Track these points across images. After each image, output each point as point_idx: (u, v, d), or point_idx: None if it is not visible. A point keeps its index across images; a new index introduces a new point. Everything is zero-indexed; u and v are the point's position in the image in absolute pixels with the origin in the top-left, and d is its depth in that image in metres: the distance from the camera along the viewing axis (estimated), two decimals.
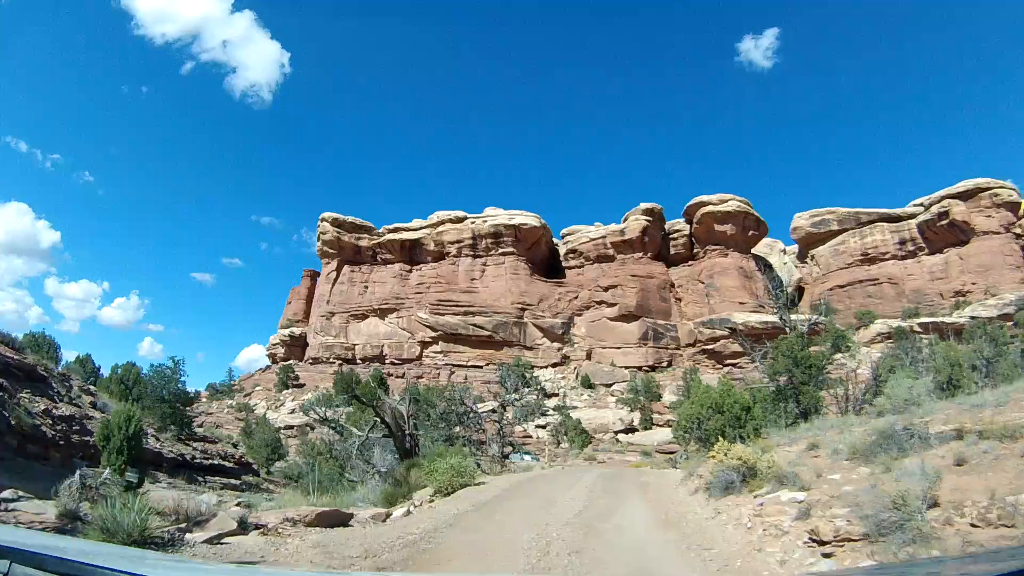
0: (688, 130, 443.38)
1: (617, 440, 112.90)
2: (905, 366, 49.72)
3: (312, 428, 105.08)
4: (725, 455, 23.52)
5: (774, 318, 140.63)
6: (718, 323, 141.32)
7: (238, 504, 36.18)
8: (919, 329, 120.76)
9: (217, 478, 58.47)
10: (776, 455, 23.09)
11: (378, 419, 36.43)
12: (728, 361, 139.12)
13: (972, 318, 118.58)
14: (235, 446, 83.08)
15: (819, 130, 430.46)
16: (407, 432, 37.20)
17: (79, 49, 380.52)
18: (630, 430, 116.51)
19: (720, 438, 30.40)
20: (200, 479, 55.07)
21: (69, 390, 52.86)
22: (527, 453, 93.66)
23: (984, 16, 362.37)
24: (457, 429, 58.66)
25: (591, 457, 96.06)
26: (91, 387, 60.72)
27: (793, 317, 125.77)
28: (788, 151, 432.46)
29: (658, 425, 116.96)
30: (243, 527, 18.38)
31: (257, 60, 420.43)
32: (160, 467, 50.73)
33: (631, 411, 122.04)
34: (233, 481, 60.83)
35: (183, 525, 17.14)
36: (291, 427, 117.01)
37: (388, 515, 24.53)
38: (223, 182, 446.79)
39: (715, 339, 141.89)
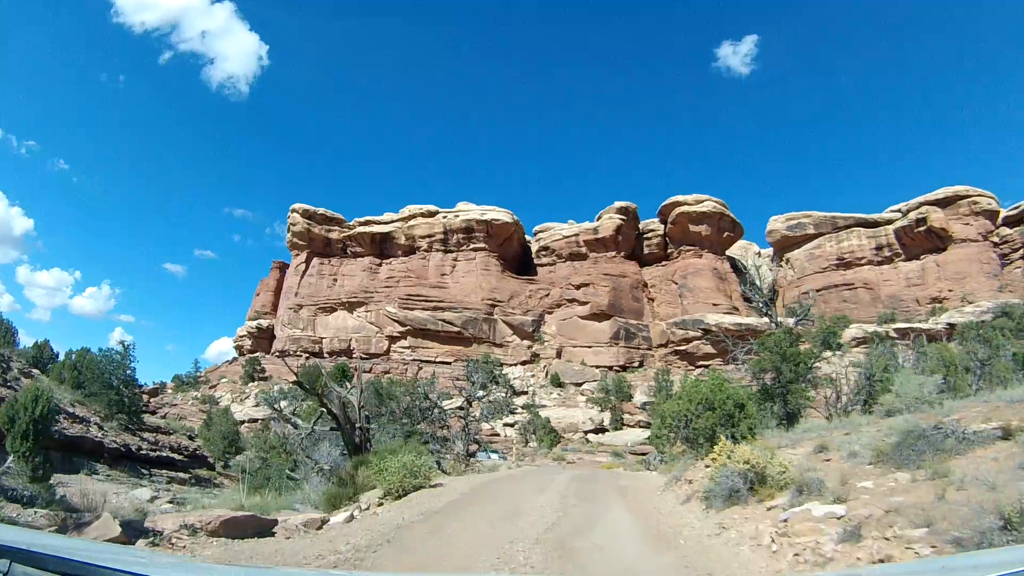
0: (665, 132, 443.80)
1: (587, 440, 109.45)
2: (900, 366, 46.54)
3: (276, 421, 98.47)
4: (729, 457, 19.41)
5: (748, 320, 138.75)
6: (691, 324, 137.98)
7: (171, 501, 32.21)
8: (895, 335, 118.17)
9: (165, 471, 54.77)
10: (782, 458, 19.19)
11: (324, 410, 31.91)
12: (701, 362, 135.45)
13: (949, 325, 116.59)
14: (192, 438, 79.26)
15: (797, 135, 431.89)
16: (358, 425, 32.90)
17: (58, 35, 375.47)
18: (600, 430, 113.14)
19: (711, 438, 26.96)
20: (145, 472, 51.23)
21: (5, 371, 48.82)
22: (494, 451, 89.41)
23: (965, 23, 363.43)
24: (421, 425, 54.92)
25: (560, 457, 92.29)
26: (34, 370, 57.07)
27: (767, 320, 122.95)
28: (765, 156, 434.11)
29: (629, 426, 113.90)
30: (131, 533, 14.37)
31: (235, 52, 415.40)
32: (100, 457, 47.00)
33: (601, 411, 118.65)
34: (182, 475, 56.99)
35: (57, 527, 14.22)
36: (255, 420, 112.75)
37: (324, 522, 20.58)
38: (197, 173, 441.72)
39: (688, 340, 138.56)
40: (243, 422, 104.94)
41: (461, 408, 61.26)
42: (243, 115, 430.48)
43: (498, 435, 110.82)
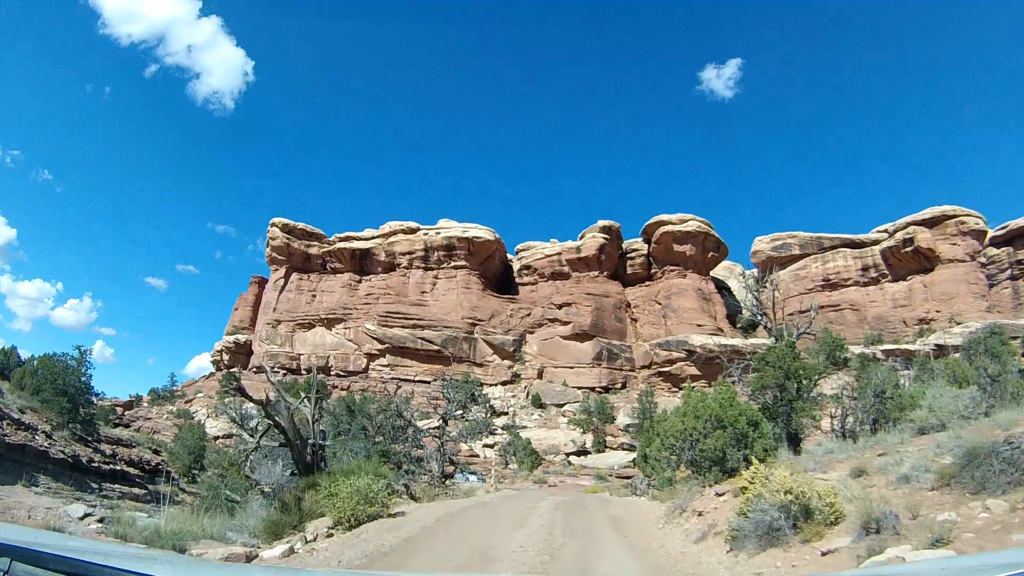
0: (649, 152, 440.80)
1: (569, 462, 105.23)
2: (913, 381, 42.72)
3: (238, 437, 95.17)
4: (764, 484, 14.99)
5: (734, 341, 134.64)
6: (675, 345, 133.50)
7: (100, 520, 27.65)
8: (881, 356, 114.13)
9: (119, 486, 51.09)
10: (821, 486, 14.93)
11: (272, 423, 27.33)
12: (684, 384, 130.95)
13: (937, 346, 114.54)
14: (157, 452, 75.35)
15: (781, 156, 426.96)
16: (311, 441, 28.36)
17: (44, 44, 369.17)
18: (582, 452, 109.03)
19: (721, 461, 23.19)
20: (95, 485, 46.94)
21: None
22: (472, 473, 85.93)
23: (951, 41, 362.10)
24: (396, 445, 52.05)
25: (542, 480, 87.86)
26: None
27: (752, 341, 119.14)
28: (750, 176, 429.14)
29: (611, 448, 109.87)
30: None
31: (221, 67, 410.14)
32: (44, 468, 42.96)
33: (583, 433, 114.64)
34: (137, 491, 52.89)
35: None
36: (230, 436, 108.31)
37: (251, 557, 16.18)
38: (181, 188, 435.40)
39: (672, 361, 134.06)
40: (217, 437, 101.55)
41: (437, 427, 57.17)
42: (227, 131, 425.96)
43: (477, 456, 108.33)
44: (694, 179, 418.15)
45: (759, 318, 47.65)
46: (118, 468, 54.47)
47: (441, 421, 56.26)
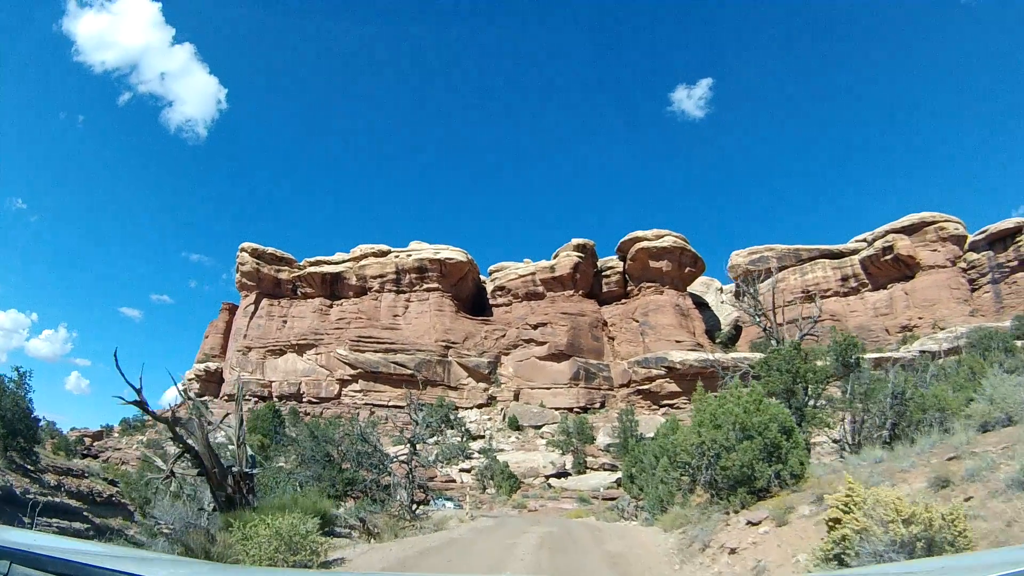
0: (621, 171, 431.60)
1: (549, 485, 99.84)
2: (930, 380, 38.26)
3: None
4: (867, 511, 9.67)
5: (714, 356, 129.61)
6: (654, 362, 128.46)
7: None
8: (866, 365, 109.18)
9: (57, 520, 45.99)
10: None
11: (183, 447, 21.65)
12: (665, 402, 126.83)
13: (921, 352, 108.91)
14: (113, 483, 69.83)
15: (755, 171, 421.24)
16: (233, 469, 22.79)
17: (18, 72, 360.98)
18: (562, 474, 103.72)
19: (748, 480, 18.01)
20: (27, 520, 41.23)
21: None
22: (448, 499, 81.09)
23: (927, 49, 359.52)
24: (364, 472, 48.26)
25: (521, 505, 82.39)
26: None
27: (733, 355, 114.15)
28: (724, 192, 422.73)
29: (592, 469, 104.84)
30: None
31: (194, 95, 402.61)
32: None
33: (563, 454, 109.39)
34: (78, 525, 47.99)
35: None
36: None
37: None
38: (155, 217, 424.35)
39: (651, 379, 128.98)
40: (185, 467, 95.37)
41: (407, 453, 51.92)
42: (201, 159, 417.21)
43: (454, 481, 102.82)
44: (669, 196, 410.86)
45: (757, 320, 42.36)
46: (58, 500, 49.06)
47: (409, 446, 50.98)
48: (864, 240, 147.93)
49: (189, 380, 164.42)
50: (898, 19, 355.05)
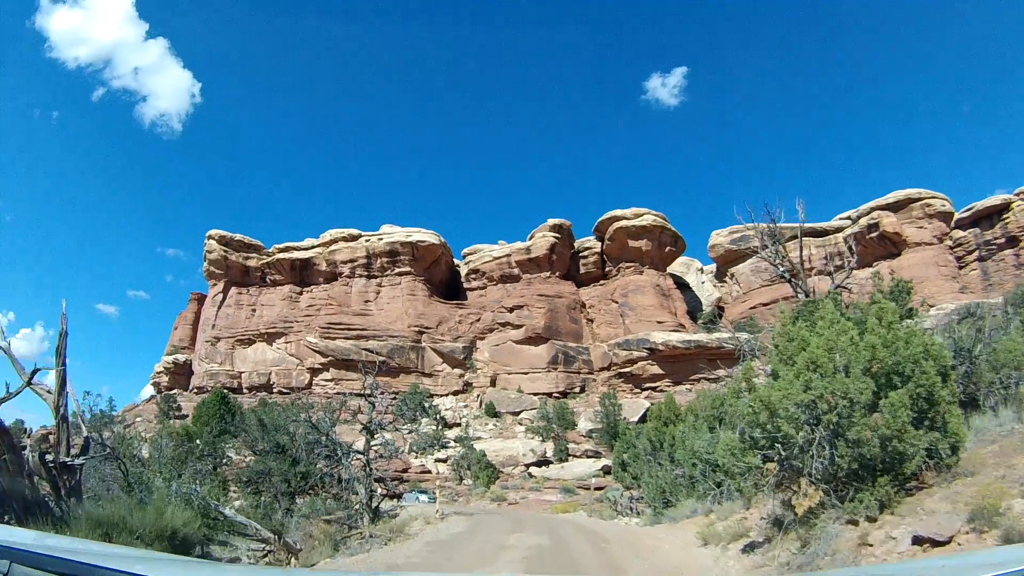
0: (597, 151, 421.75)
1: (530, 474, 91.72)
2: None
3: None
4: None
5: (697, 336, 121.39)
6: (635, 344, 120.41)
7: None
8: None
9: None
10: None
11: None
12: (647, 385, 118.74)
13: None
14: None
15: (734, 151, 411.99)
16: (47, 458, 14.23)
17: None
18: (543, 462, 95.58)
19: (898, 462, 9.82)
20: None
21: None
22: (423, 491, 74.11)
23: (909, 24, 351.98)
24: (321, 465, 41.34)
25: (500, 497, 73.92)
26: None
27: (718, 335, 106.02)
28: (703, 171, 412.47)
29: (575, 456, 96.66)
30: None
31: (169, 89, 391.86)
32: None
33: (543, 441, 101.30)
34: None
35: None
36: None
37: None
38: (130, 212, 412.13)
39: (632, 361, 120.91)
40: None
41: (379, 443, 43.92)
42: (176, 153, 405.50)
43: (430, 472, 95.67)
44: (645, 175, 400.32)
45: (779, 270, 33.63)
46: None
47: (365, 434, 42.80)
48: (848, 218, 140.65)
49: (158, 373, 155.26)
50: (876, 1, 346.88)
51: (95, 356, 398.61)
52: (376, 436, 43.36)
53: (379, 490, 41.27)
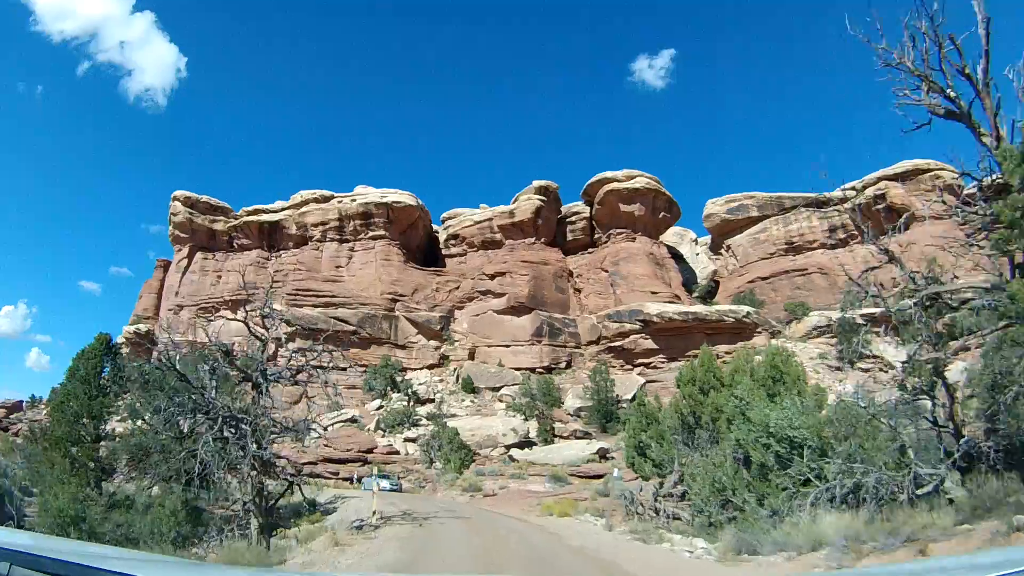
0: (586, 113, 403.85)
1: (511, 457, 75.86)
2: None
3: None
4: None
5: (695, 308, 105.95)
6: (627, 315, 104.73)
7: None
8: (862, 321, 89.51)
9: None
10: None
11: None
12: (640, 360, 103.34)
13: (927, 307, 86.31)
14: None
15: (731, 119, 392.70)
16: None
17: None
18: (526, 443, 79.95)
19: None
20: None
21: None
22: (384, 476, 62.31)
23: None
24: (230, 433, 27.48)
25: (474, 486, 58.01)
26: None
27: (718, 308, 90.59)
28: (697, 138, 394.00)
29: (562, 437, 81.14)
30: None
31: (154, 63, 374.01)
32: None
33: (525, 420, 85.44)
34: None
35: None
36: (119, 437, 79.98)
37: None
38: (113, 188, 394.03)
39: (624, 334, 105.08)
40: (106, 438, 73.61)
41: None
42: (160, 128, 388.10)
43: (397, 453, 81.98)
44: (637, 139, 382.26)
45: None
46: None
47: (252, 391, 28.02)
48: (853, 188, 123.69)
49: (120, 345, 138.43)
50: None
51: (78, 334, 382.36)
52: (264, 393, 28.88)
53: (270, 483, 26.83)
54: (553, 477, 58.20)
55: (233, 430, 26.30)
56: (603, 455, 68.26)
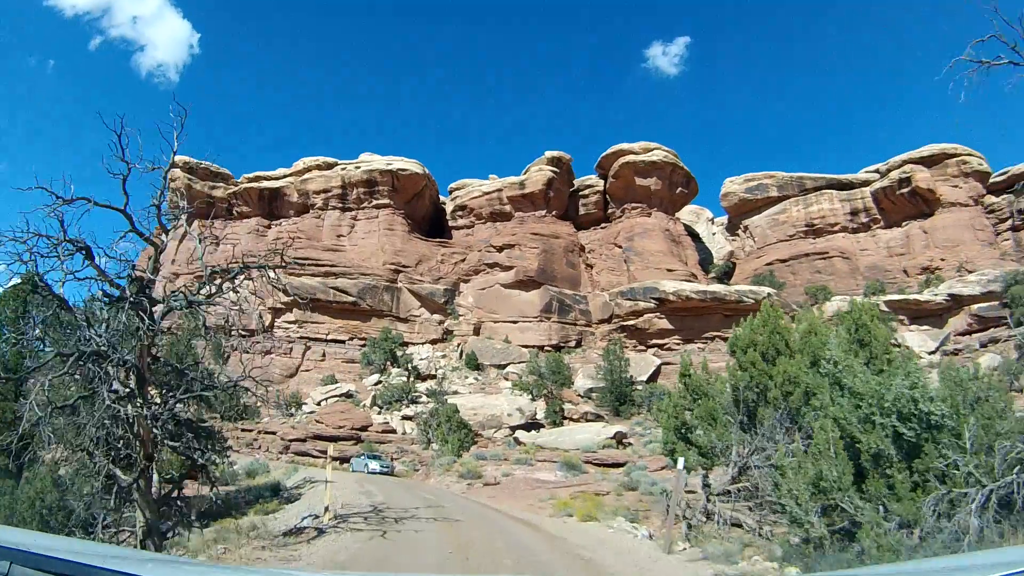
0: (601, 86, 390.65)
1: (516, 440, 67.41)
2: None
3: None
4: None
5: (713, 288, 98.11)
6: (641, 293, 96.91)
7: None
8: (886, 308, 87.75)
9: None
10: None
11: None
12: (654, 341, 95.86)
13: (951, 296, 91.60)
14: None
15: (750, 96, 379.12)
16: None
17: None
18: (533, 425, 72.08)
19: None
20: None
21: None
22: (374, 457, 56.71)
23: None
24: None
25: (473, 472, 49.01)
26: None
27: (737, 287, 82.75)
28: (715, 116, 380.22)
29: (572, 419, 73.04)
30: None
31: (166, 39, 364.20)
32: None
33: (533, 399, 77.65)
34: None
35: None
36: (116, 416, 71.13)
37: None
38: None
39: (637, 313, 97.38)
40: None
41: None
42: (172, 104, 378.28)
43: (394, 432, 74.73)
44: (650, 124, 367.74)
45: None
46: None
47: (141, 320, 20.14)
48: (876, 171, 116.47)
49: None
50: None
51: None
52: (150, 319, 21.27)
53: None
54: (565, 464, 49.37)
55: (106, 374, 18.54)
56: (620, 440, 60.43)
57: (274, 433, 72.87)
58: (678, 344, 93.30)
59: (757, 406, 26.04)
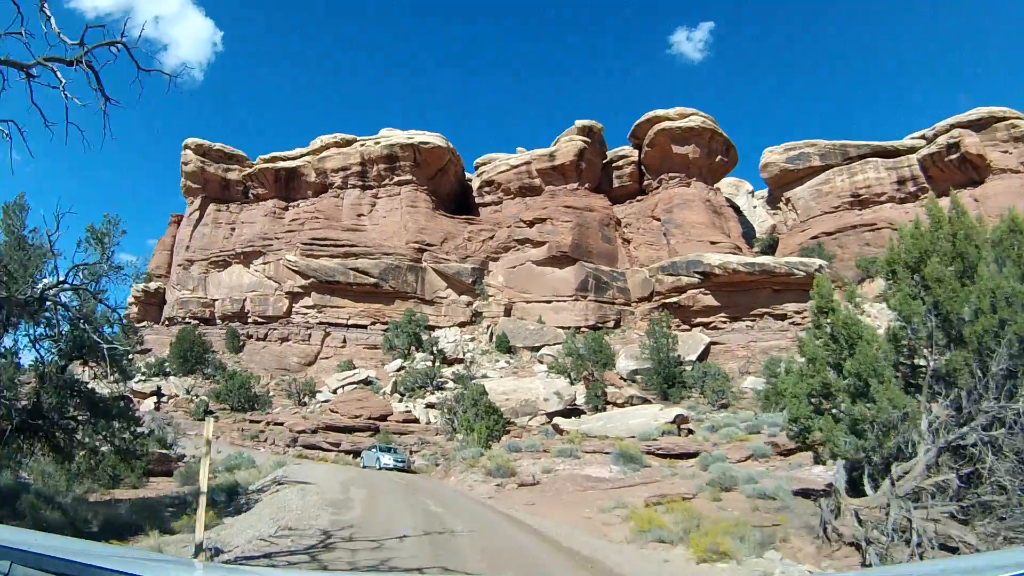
0: (625, 77, 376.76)
1: (554, 427, 56.42)
2: None
3: None
4: None
5: (761, 259, 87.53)
6: (684, 267, 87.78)
7: None
8: None
9: None
10: None
11: None
12: (698, 319, 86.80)
13: None
14: None
15: (789, 63, 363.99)
16: None
17: (6, 18, 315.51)
18: (572, 411, 62.03)
19: None
20: None
21: None
22: (387, 450, 47.51)
23: None
24: None
25: (505, 468, 36.30)
26: None
27: (787, 260, 73.73)
28: (753, 83, 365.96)
29: (616, 404, 62.96)
30: None
31: (190, 38, 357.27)
32: None
33: (572, 383, 68.25)
34: None
35: None
36: (121, 397, 62.64)
37: None
38: (148, 165, 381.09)
39: (680, 289, 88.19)
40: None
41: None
42: (196, 102, 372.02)
43: (416, 421, 65.79)
44: (687, 82, 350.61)
45: None
46: None
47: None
48: (923, 137, 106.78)
49: (129, 304, 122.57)
50: None
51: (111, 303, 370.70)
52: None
53: None
54: (622, 455, 38.43)
55: None
56: (681, 424, 51.05)
57: (282, 424, 64.19)
58: (724, 323, 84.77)
59: (947, 349, 16.26)
